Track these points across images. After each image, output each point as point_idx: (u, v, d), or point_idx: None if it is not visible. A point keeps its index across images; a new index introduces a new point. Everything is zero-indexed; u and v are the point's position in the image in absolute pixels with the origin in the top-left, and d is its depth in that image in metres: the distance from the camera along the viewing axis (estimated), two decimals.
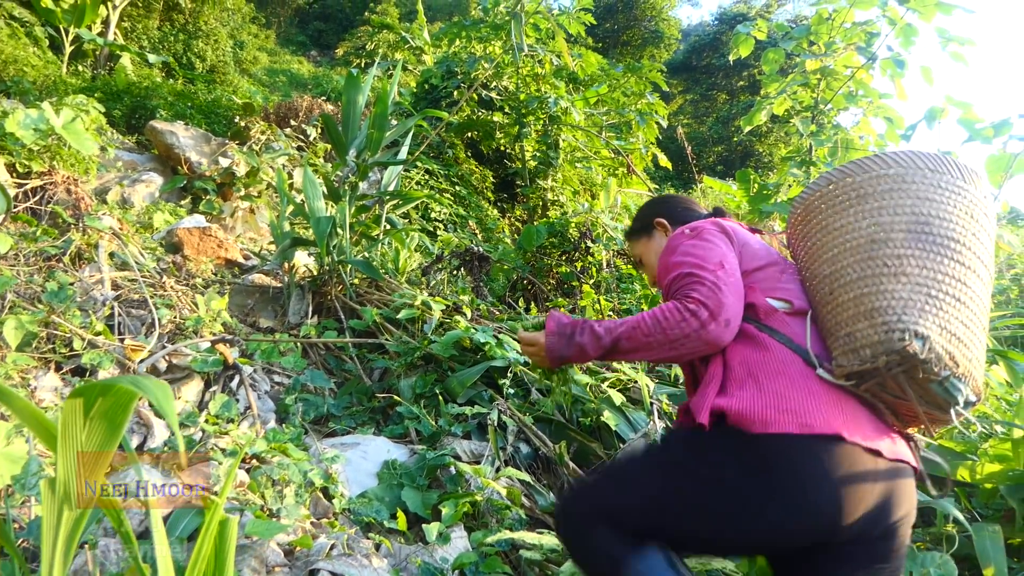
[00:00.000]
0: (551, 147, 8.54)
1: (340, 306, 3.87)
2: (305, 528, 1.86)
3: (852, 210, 1.30)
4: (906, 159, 1.31)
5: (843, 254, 1.28)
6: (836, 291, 1.27)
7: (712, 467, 1.21)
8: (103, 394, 0.66)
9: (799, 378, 1.24)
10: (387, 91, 3.84)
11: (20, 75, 8.25)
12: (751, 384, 1.24)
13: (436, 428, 2.67)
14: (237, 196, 5.75)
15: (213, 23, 14.78)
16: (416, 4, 13.35)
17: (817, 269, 1.34)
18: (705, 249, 1.40)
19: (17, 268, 2.77)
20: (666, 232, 1.71)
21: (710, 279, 1.31)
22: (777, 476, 1.15)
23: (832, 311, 1.27)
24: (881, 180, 1.29)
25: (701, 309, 1.28)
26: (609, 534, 1.27)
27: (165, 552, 0.83)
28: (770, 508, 1.15)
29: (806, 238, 1.40)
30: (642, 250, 1.77)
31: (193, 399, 2.62)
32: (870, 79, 4.58)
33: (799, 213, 1.43)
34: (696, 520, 1.22)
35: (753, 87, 24.53)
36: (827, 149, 4.61)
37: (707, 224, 1.51)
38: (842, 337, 1.24)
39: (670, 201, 1.80)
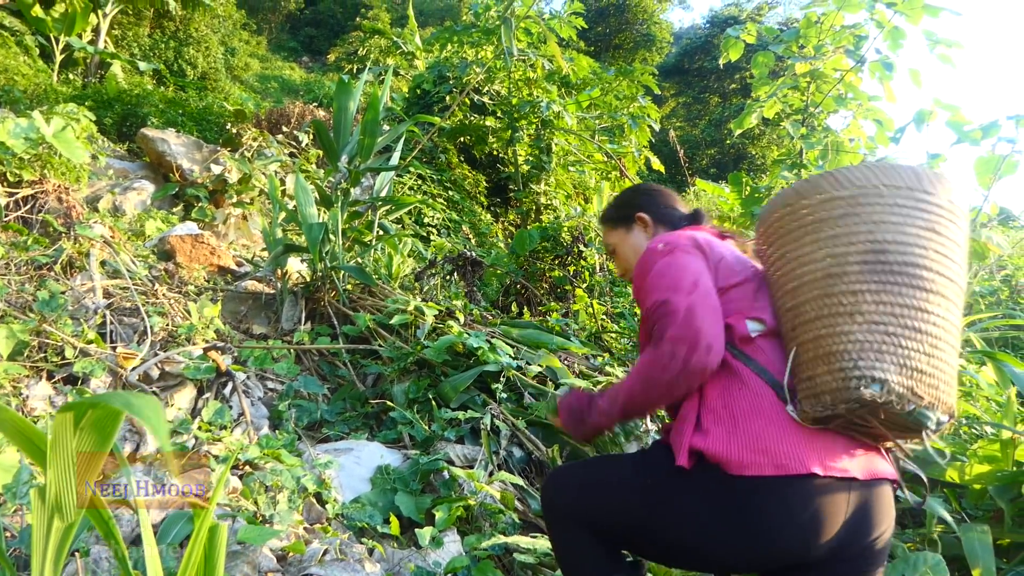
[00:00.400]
0: (544, 151, 8.57)
1: (333, 312, 3.87)
2: (298, 534, 1.86)
3: (809, 239, 1.25)
4: (861, 177, 1.24)
5: (802, 288, 1.25)
6: (797, 328, 1.25)
7: (688, 502, 1.26)
8: (93, 407, 0.67)
9: (774, 415, 1.25)
10: (378, 96, 3.85)
11: (10, 84, 8.23)
12: (727, 421, 1.26)
13: (429, 433, 2.68)
14: (229, 203, 5.74)
15: (204, 30, 14.76)
16: (407, 9, 13.39)
17: (781, 300, 1.32)
18: (678, 268, 1.38)
19: (8, 277, 2.76)
20: (645, 228, 1.68)
21: (683, 306, 1.28)
22: (750, 516, 1.19)
23: (796, 348, 1.25)
24: (835, 203, 1.23)
25: (678, 346, 1.26)
26: (587, 538, 1.38)
27: (155, 558, 0.84)
28: (741, 543, 1.21)
29: (771, 260, 1.38)
30: (617, 241, 1.73)
31: (186, 406, 2.61)
32: (859, 82, 4.62)
33: (761, 234, 1.42)
34: (669, 544, 1.32)
35: (745, 90, 24.62)
36: (817, 152, 4.65)
37: (682, 239, 1.47)
38: (804, 380, 1.23)
39: (653, 195, 1.74)
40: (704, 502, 1.24)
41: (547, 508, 1.47)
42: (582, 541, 1.38)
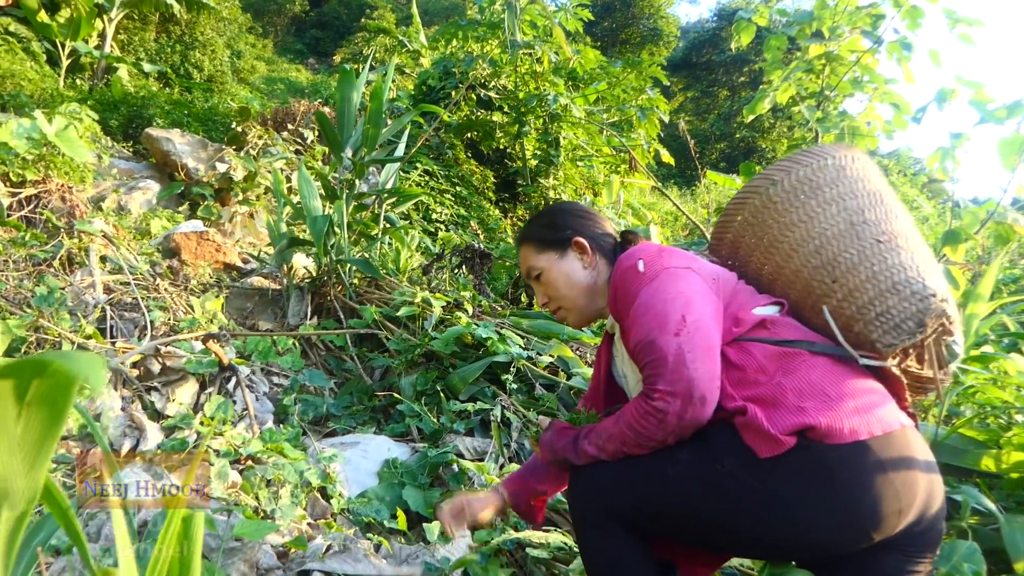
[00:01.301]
0: (552, 145, 8.47)
1: (340, 306, 3.80)
2: (301, 529, 1.78)
3: (813, 201, 1.32)
4: (821, 151, 1.41)
5: (829, 242, 1.28)
6: (841, 278, 1.25)
7: (783, 488, 1.14)
8: (37, 374, 0.58)
9: (849, 375, 1.20)
10: (381, 87, 3.77)
11: (17, 89, 8.23)
12: (816, 393, 1.17)
13: (438, 426, 2.60)
14: (235, 201, 5.69)
15: (210, 33, 14.77)
16: (411, 8, 13.33)
17: (796, 264, 1.32)
18: (665, 299, 1.25)
19: (6, 273, 2.71)
20: (583, 255, 1.51)
21: (671, 350, 1.18)
22: (865, 484, 1.10)
23: (845, 297, 1.25)
24: (824, 170, 1.35)
25: (670, 402, 1.17)
26: (627, 540, 1.27)
27: (128, 554, 0.76)
28: (848, 517, 1.11)
29: (760, 241, 1.40)
30: (546, 266, 1.52)
31: (188, 401, 2.55)
32: (876, 63, 4.49)
33: (744, 219, 1.44)
34: (743, 537, 1.21)
35: (754, 82, 24.42)
36: (833, 136, 4.53)
37: (666, 256, 1.34)
38: (875, 319, 1.21)
39: (588, 217, 1.57)
40: (806, 483, 1.12)
41: (581, 509, 1.33)
42: (621, 544, 1.27)
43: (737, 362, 1.24)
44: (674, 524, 1.25)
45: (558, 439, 1.38)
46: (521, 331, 3.31)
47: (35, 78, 8.73)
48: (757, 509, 1.14)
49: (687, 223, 10.29)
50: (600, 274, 1.50)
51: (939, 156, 3.59)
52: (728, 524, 1.18)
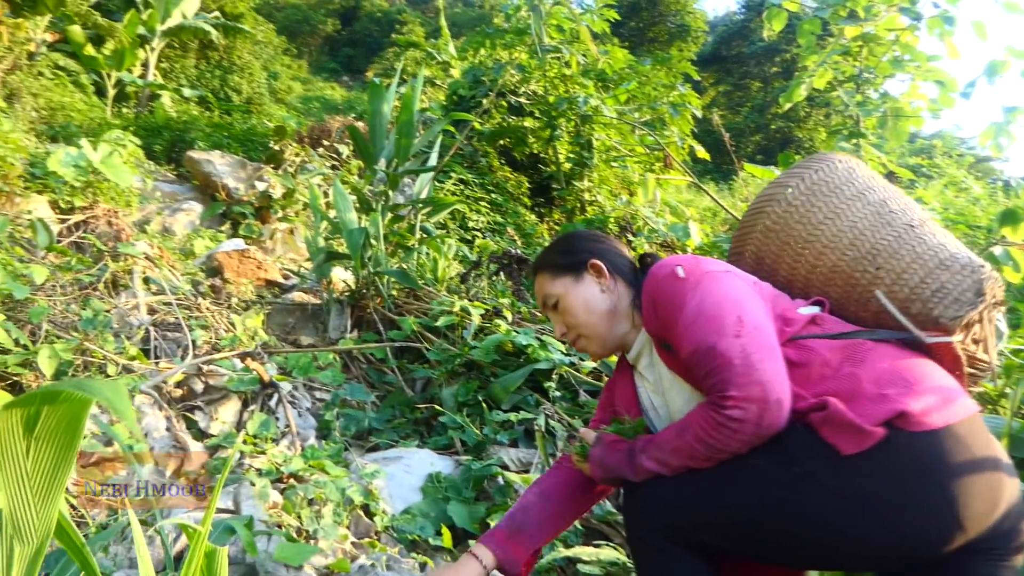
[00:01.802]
0: (585, 147, 8.40)
1: (379, 318, 3.79)
2: (344, 549, 1.75)
3: (835, 199, 1.35)
4: (825, 157, 1.45)
5: (863, 233, 1.29)
6: (885, 264, 1.25)
7: (873, 485, 1.04)
8: (48, 403, 0.56)
9: (919, 361, 1.15)
10: (411, 97, 3.76)
11: (67, 120, 8.52)
12: (896, 380, 1.09)
13: (481, 437, 2.55)
14: (275, 218, 5.77)
15: (247, 57, 15.14)
16: (440, 20, 13.41)
17: (832, 259, 1.31)
18: (715, 302, 1.19)
19: (54, 298, 2.77)
20: (600, 278, 1.43)
21: (735, 353, 1.11)
22: (937, 478, 1.02)
23: (895, 282, 1.24)
24: (836, 172, 1.38)
25: (746, 409, 1.08)
26: (696, 564, 1.18)
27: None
28: (944, 512, 1.02)
29: (787, 245, 1.40)
30: (563, 292, 1.44)
31: (231, 419, 2.55)
32: (916, 41, 4.31)
33: (764, 228, 1.43)
34: (823, 541, 1.09)
35: (787, 72, 23.89)
36: (876, 119, 4.35)
37: (703, 261, 1.29)
38: (932, 296, 1.19)
39: (603, 241, 1.53)
40: (897, 479, 1.03)
41: (643, 532, 1.22)
42: (690, 569, 1.18)
43: (799, 360, 1.17)
44: (749, 540, 1.15)
45: (609, 454, 1.29)
46: None
47: (84, 109, 9.04)
48: (844, 513, 1.05)
49: (726, 219, 10.08)
50: (621, 298, 1.43)
51: (992, 132, 3.41)
52: (811, 533, 1.09)
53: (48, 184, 4.33)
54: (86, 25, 9.49)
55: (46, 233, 3.50)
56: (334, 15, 25.88)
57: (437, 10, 16.22)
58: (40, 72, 8.43)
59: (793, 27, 4.68)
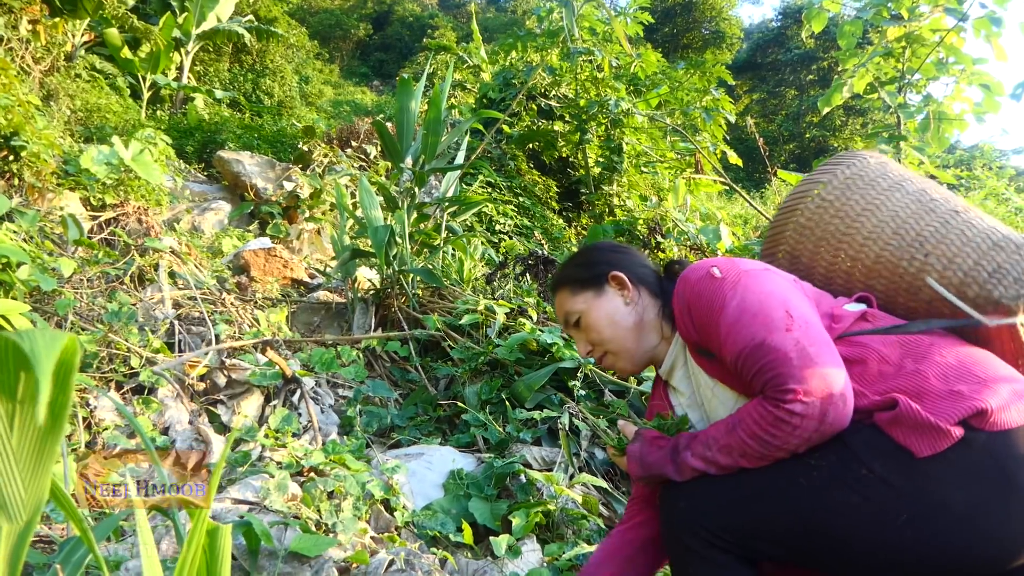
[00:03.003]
0: (615, 152, 8.32)
1: (404, 317, 3.76)
2: (363, 543, 1.71)
3: (872, 191, 1.30)
4: (854, 155, 1.40)
5: (906, 222, 1.24)
6: (934, 250, 1.19)
7: (950, 489, 0.96)
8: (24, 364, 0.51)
9: (982, 354, 1.08)
10: (439, 95, 3.74)
11: (103, 121, 8.68)
12: (965, 375, 1.02)
13: (504, 435, 2.50)
14: (303, 218, 5.80)
15: (279, 61, 15.35)
16: (472, 25, 13.46)
17: (875, 250, 1.25)
18: (759, 299, 1.11)
19: (81, 291, 2.78)
20: (622, 290, 1.35)
21: (792, 347, 1.03)
22: (1019, 482, 0.94)
23: (947, 267, 1.18)
24: (868, 167, 1.34)
25: (807, 403, 1.00)
26: (741, 573, 1.09)
27: (151, 553, 0.68)
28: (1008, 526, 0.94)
29: (823, 240, 1.35)
30: (585, 307, 1.36)
31: (253, 414, 2.54)
32: (962, 43, 4.18)
33: (797, 226, 1.38)
34: (892, 551, 0.99)
35: (823, 80, 23.56)
36: (918, 122, 4.22)
37: (735, 260, 1.22)
38: (990, 277, 1.13)
39: (623, 252, 1.44)
40: (977, 484, 0.94)
41: (685, 536, 1.12)
42: (731, 570, 1.08)
43: (854, 357, 1.08)
44: (806, 548, 1.06)
45: (650, 451, 1.21)
46: None
47: (119, 111, 9.21)
48: (918, 521, 0.96)
49: (757, 225, 9.91)
50: (646, 309, 1.34)
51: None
52: (880, 541, 0.98)
53: (80, 181, 4.39)
54: (123, 28, 9.68)
55: (76, 228, 3.54)
56: (366, 20, 26.16)
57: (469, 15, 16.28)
58: (77, 74, 8.61)
59: (830, 34, 4.58)
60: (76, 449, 1.97)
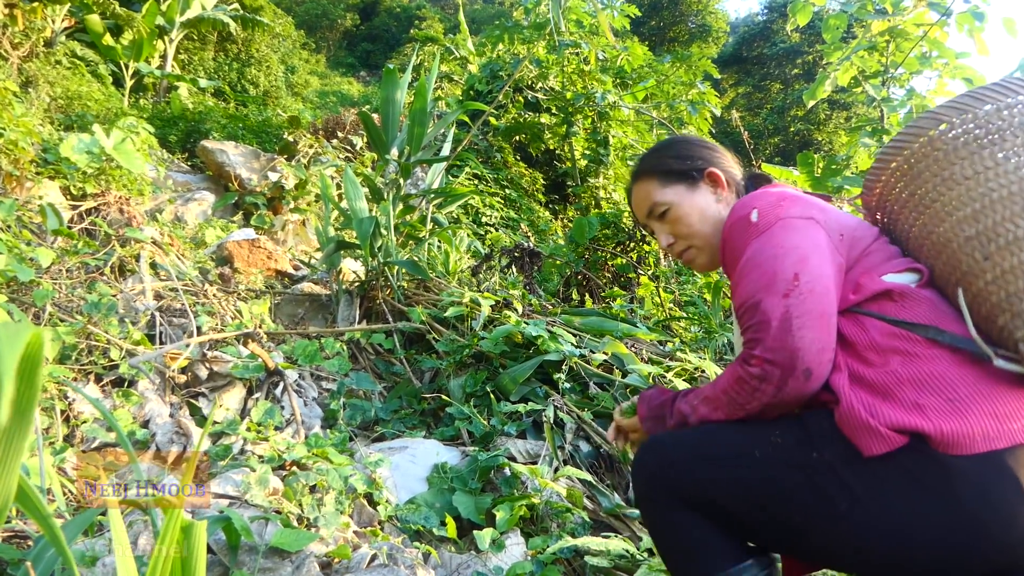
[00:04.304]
0: (601, 144, 8.32)
1: (389, 310, 3.74)
2: (346, 538, 1.70)
3: (986, 151, 1.02)
4: (1014, 83, 1.06)
5: (993, 206, 0.99)
6: (996, 254, 0.98)
7: (887, 495, 0.97)
8: None
9: (982, 376, 0.99)
10: (425, 86, 3.71)
11: (84, 109, 8.55)
12: (938, 389, 0.98)
13: (488, 428, 2.49)
14: (287, 209, 5.74)
15: (265, 50, 15.18)
16: (459, 16, 13.37)
17: (945, 230, 1.05)
18: (776, 254, 1.09)
19: (59, 282, 2.74)
20: (716, 189, 1.35)
21: (777, 314, 1.04)
22: (985, 502, 0.92)
23: (995, 280, 0.99)
24: (1013, 109, 1.03)
25: (770, 369, 1.03)
26: (702, 521, 1.11)
27: (125, 553, 0.67)
28: (965, 538, 0.93)
29: (912, 196, 1.13)
30: (676, 200, 1.34)
31: (235, 407, 2.51)
32: (945, 37, 4.21)
33: (898, 165, 1.16)
34: (827, 538, 1.02)
35: (808, 74, 23.68)
36: (901, 115, 4.25)
37: (786, 201, 1.17)
38: (1022, 312, 0.95)
39: (718, 150, 1.41)
40: (922, 493, 0.94)
41: (647, 483, 1.16)
42: (696, 524, 1.11)
43: (848, 335, 1.08)
44: (756, 518, 1.08)
45: (657, 395, 1.30)
46: (573, 329, 3.19)
47: (101, 99, 9.07)
48: (856, 513, 0.97)
49: None
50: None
51: None
52: (818, 526, 1.01)
53: (60, 170, 4.31)
54: (104, 14, 9.52)
55: (55, 218, 3.48)
56: (353, 10, 25.93)
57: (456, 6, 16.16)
58: (58, 60, 8.46)
59: (815, 29, 4.61)
60: (53, 443, 1.94)
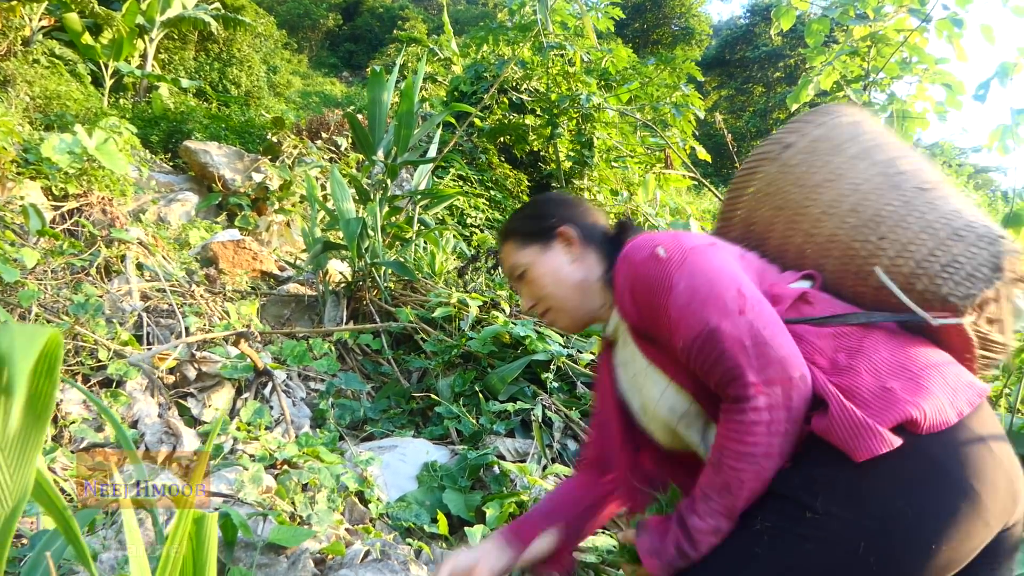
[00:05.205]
0: (585, 146, 8.37)
1: (376, 310, 3.75)
2: (339, 535, 1.71)
3: (837, 159, 1.18)
4: (830, 110, 1.28)
5: (867, 197, 1.12)
6: (890, 233, 1.08)
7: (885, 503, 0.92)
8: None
9: (921, 348, 1.02)
10: (412, 88, 3.73)
11: (63, 109, 8.44)
12: (898, 372, 0.98)
13: (477, 427, 2.52)
14: (271, 210, 5.72)
15: (246, 50, 15.07)
16: (443, 17, 13.38)
17: (830, 227, 1.14)
18: (708, 279, 1.04)
19: (45, 282, 2.72)
20: (569, 246, 1.29)
21: (746, 332, 0.98)
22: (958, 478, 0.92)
23: (899, 254, 1.07)
24: (839, 128, 1.22)
25: (771, 392, 0.96)
26: None
27: (139, 553, 0.69)
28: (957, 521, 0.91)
29: (780, 210, 1.23)
30: (531, 261, 1.30)
31: (224, 406, 2.51)
32: (925, 43, 4.30)
33: (757, 189, 1.27)
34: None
35: (790, 77, 23.95)
36: (882, 119, 4.33)
37: (684, 237, 1.14)
38: (941, 271, 1.03)
39: (574, 206, 1.36)
40: (919, 488, 0.92)
41: None
42: None
43: None
44: None
45: (659, 537, 1.07)
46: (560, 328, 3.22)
47: (80, 98, 8.96)
48: (877, 541, 0.91)
49: None
50: (591, 270, 1.28)
51: (999, 134, 3.39)
52: (854, 570, 0.93)
53: (41, 170, 4.27)
54: (83, 13, 9.41)
55: (38, 218, 3.45)
56: (336, 10, 25.82)
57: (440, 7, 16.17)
58: (36, 59, 8.35)
59: (797, 33, 4.69)
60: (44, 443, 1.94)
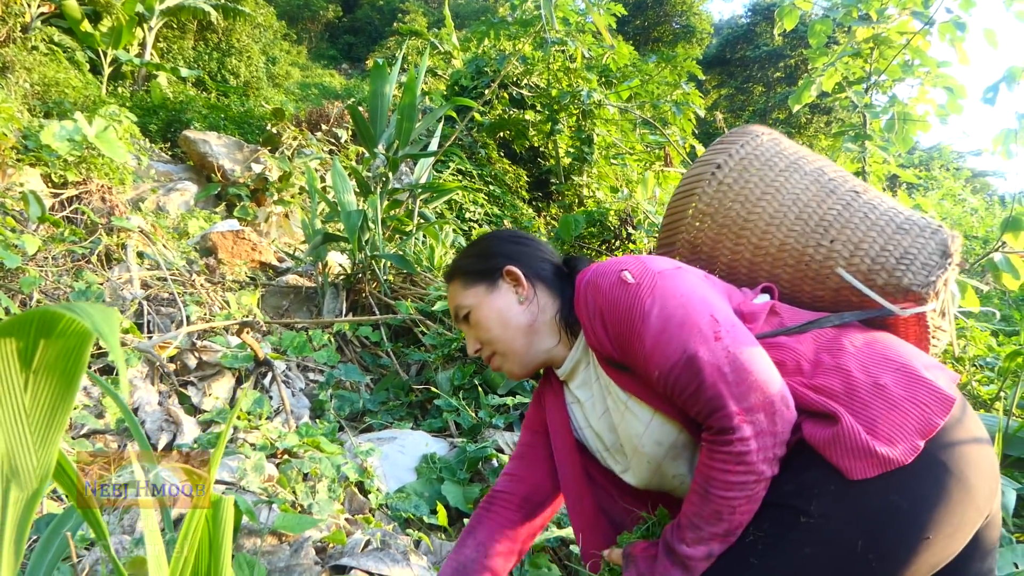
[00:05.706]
0: (585, 142, 8.38)
1: (375, 303, 3.76)
2: (339, 524, 1.72)
3: (770, 173, 1.24)
4: (744, 132, 1.34)
5: (808, 204, 1.19)
6: (839, 235, 1.15)
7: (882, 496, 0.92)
8: (44, 333, 0.52)
9: (892, 341, 1.05)
10: (414, 81, 3.73)
11: (62, 97, 8.40)
12: (890, 367, 0.99)
13: (476, 420, 2.53)
14: (271, 201, 5.72)
15: (245, 40, 15.00)
16: (444, 10, 13.35)
17: (779, 237, 1.19)
18: (681, 304, 1.01)
19: (45, 269, 2.72)
20: (516, 286, 1.22)
21: (723, 358, 0.95)
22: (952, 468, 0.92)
23: (854, 253, 1.14)
24: (762, 146, 1.28)
25: (756, 418, 0.93)
26: None
27: (157, 549, 0.70)
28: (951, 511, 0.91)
29: (724, 227, 1.26)
30: (475, 303, 1.22)
31: (224, 396, 2.52)
32: (927, 46, 4.32)
33: (697, 209, 1.29)
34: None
35: (790, 78, 23.97)
36: (883, 121, 4.35)
37: (650, 261, 1.10)
38: (898, 263, 1.10)
39: (523, 243, 1.29)
40: (913, 478, 0.91)
41: None
42: None
43: (773, 359, 1.01)
44: None
45: (649, 566, 1.04)
46: None
47: (79, 86, 8.92)
48: (875, 537, 0.90)
49: None
50: (543, 310, 1.21)
51: (1002, 138, 3.41)
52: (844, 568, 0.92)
53: (41, 157, 4.26)
54: (83, 1, 9.36)
55: (38, 205, 3.44)
56: (335, 1, 25.71)
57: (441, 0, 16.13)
58: (34, 46, 8.31)
59: (798, 33, 4.70)
60: None
